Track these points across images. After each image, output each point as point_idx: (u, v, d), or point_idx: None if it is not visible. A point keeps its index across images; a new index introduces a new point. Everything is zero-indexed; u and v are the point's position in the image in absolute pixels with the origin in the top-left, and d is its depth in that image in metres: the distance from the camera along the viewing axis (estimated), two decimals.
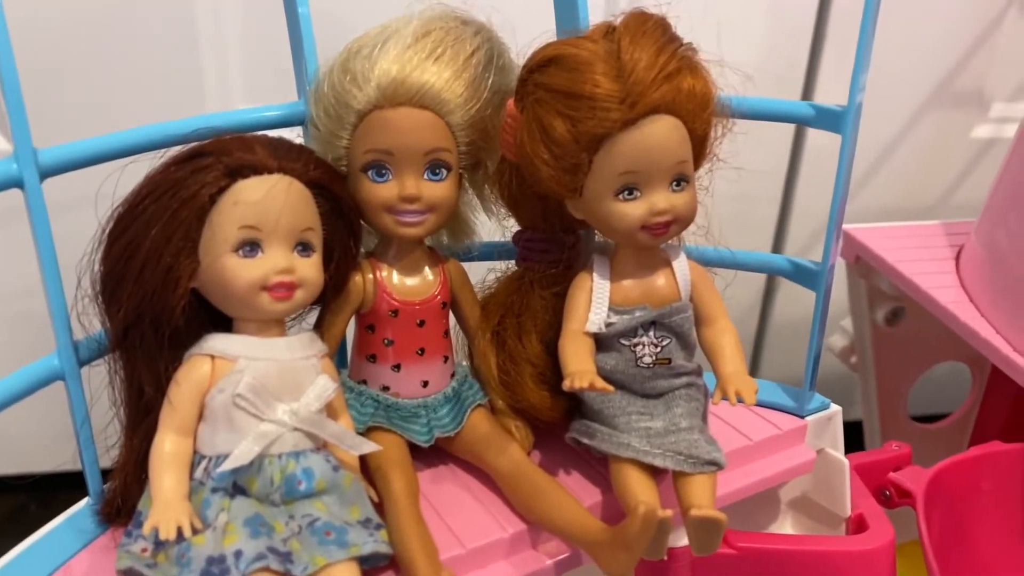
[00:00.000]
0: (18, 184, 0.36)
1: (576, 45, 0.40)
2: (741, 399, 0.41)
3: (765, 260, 0.50)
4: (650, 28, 0.40)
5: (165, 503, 0.36)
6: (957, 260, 0.71)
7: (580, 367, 0.41)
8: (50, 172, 0.37)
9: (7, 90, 0.35)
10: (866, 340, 0.79)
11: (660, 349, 0.43)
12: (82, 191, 0.36)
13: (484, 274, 0.49)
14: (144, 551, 0.36)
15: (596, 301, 0.43)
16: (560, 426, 0.46)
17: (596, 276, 0.43)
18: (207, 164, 0.36)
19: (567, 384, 0.40)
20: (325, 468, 0.38)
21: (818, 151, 0.85)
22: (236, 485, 0.37)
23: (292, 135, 0.42)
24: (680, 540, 0.45)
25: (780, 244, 0.91)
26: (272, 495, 0.37)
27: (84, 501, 0.42)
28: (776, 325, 0.96)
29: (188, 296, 0.37)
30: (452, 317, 0.46)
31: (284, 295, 0.37)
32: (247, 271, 0.36)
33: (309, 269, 0.38)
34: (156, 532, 0.35)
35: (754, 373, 0.97)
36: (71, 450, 0.47)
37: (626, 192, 0.40)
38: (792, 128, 0.84)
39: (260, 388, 0.36)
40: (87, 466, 0.41)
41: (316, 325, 0.43)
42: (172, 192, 0.36)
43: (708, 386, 0.45)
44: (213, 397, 0.37)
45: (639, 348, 0.43)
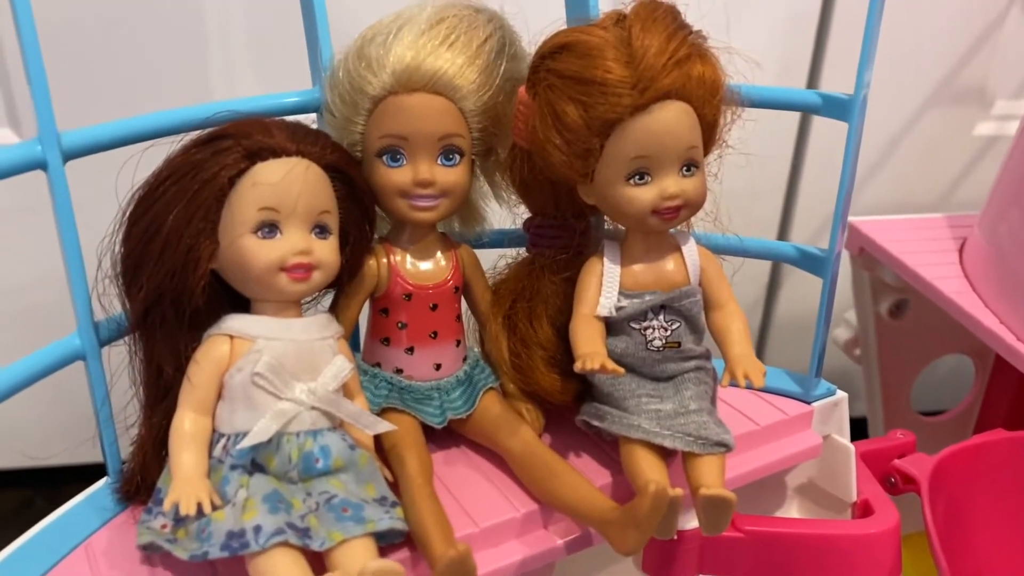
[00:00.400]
0: (41, 166, 0.37)
1: (587, 32, 0.41)
2: (750, 382, 0.41)
3: (772, 247, 0.51)
4: (660, 15, 0.41)
5: (185, 480, 0.36)
6: (960, 252, 0.72)
7: (591, 349, 0.41)
8: (73, 155, 0.38)
9: (32, 73, 0.36)
10: (870, 332, 0.79)
11: (670, 333, 0.43)
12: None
13: (495, 261, 0.49)
14: (164, 527, 0.37)
15: (607, 285, 0.44)
16: (570, 409, 0.46)
17: (607, 261, 0.44)
18: (227, 146, 0.37)
19: (579, 366, 0.41)
20: (342, 446, 0.38)
21: (821, 147, 0.85)
22: (255, 463, 0.37)
23: (307, 122, 0.43)
24: (688, 523, 0.46)
25: (784, 238, 0.92)
26: (290, 472, 0.38)
27: (103, 480, 0.43)
28: (779, 321, 0.96)
29: (208, 277, 0.37)
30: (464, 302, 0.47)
31: (302, 276, 0.38)
32: (266, 252, 0.37)
33: (326, 251, 0.39)
34: (176, 508, 0.35)
35: None
36: (77, 444, 0.47)
37: (637, 177, 0.41)
38: (795, 125, 0.85)
39: (278, 367, 0.37)
40: (106, 445, 0.41)
41: (331, 308, 0.43)
42: (192, 174, 0.36)
43: (717, 370, 0.45)
44: (232, 376, 0.37)
45: (649, 332, 0.43)
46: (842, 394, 0.52)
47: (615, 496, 0.43)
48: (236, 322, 0.38)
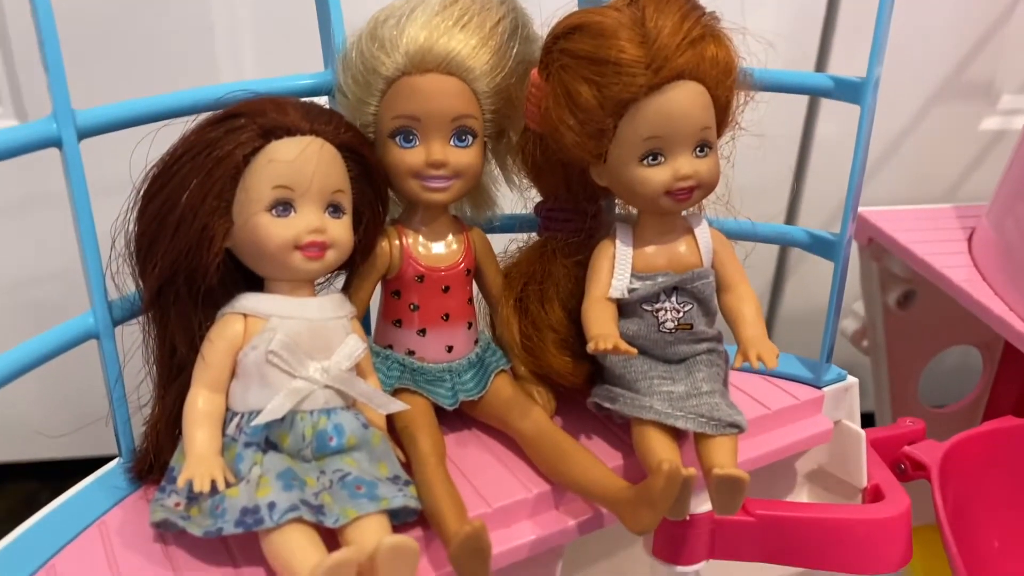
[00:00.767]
0: (56, 144, 0.37)
1: (601, 13, 0.41)
2: (763, 363, 0.41)
3: (784, 232, 0.51)
4: None
5: (199, 457, 0.36)
6: (969, 242, 0.72)
7: (604, 330, 0.41)
8: (87, 133, 0.38)
9: (48, 52, 0.36)
10: (878, 323, 0.79)
11: (682, 315, 0.43)
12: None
13: (506, 245, 0.49)
14: (178, 505, 0.37)
15: (619, 267, 0.44)
16: (581, 392, 0.46)
17: (619, 243, 0.44)
18: (241, 124, 0.37)
19: (591, 347, 0.41)
20: (355, 425, 0.38)
21: (828, 138, 0.85)
22: (268, 440, 0.38)
23: (320, 103, 0.43)
24: (699, 507, 0.46)
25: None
26: (303, 451, 0.38)
27: (116, 460, 0.43)
28: (786, 314, 0.96)
29: (222, 255, 0.37)
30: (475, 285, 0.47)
31: (316, 254, 0.38)
32: (280, 230, 0.37)
33: (340, 230, 0.39)
34: (189, 486, 0.36)
35: None
36: (83, 437, 0.47)
37: (650, 157, 0.41)
38: (801, 118, 0.85)
39: (292, 346, 0.37)
40: (119, 425, 0.42)
41: (343, 289, 0.43)
42: (207, 152, 0.37)
43: (729, 353, 0.45)
44: (246, 354, 0.37)
45: (661, 313, 0.43)
46: (853, 379, 0.52)
47: (627, 478, 0.42)
48: (250, 301, 0.38)
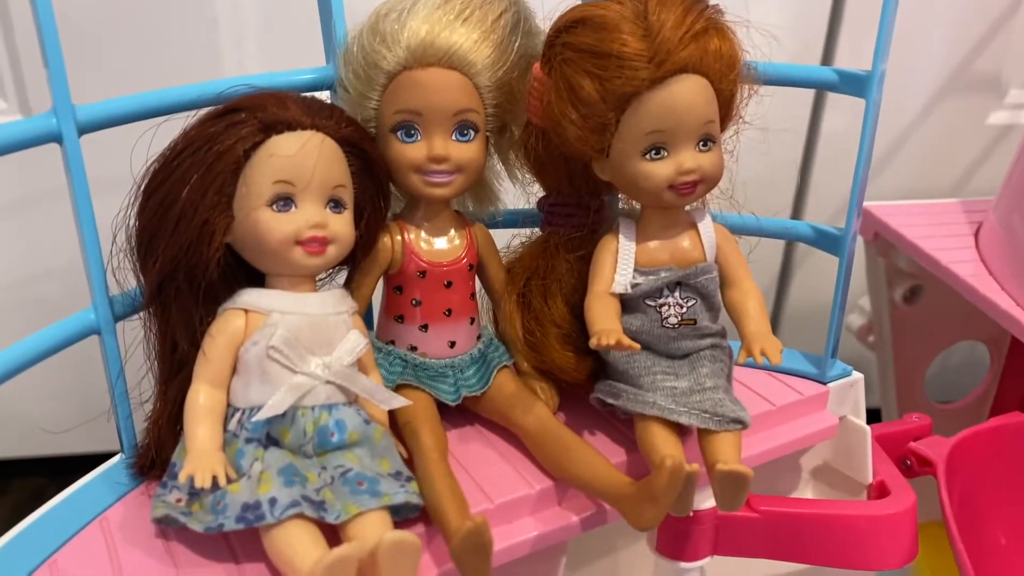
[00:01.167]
0: (57, 139, 0.37)
1: (603, 7, 0.40)
2: (767, 359, 0.41)
3: (788, 226, 0.51)
4: None
5: (200, 453, 0.36)
6: (976, 236, 0.71)
7: (607, 326, 0.41)
8: (88, 128, 0.38)
9: (48, 46, 0.36)
10: (884, 319, 0.79)
11: (685, 310, 0.43)
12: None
13: (508, 240, 0.49)
14: (179, 500, 0.37)
15: (622, 262, 0.43)
16: (584, 387, 0.46)
17: (622, 238, 0.44)
18: (242, 119, 0.37)
19: (594, 342, 0.40)
20: (357, 421, 0.38)
21: (833, 133, 0.85)
22: (269, 436, 0.37)
23: (322, 98, 0.43)
24: (703, 503, 0.46)
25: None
26: (305, 446, 0.37)
27: (117, 456, 0.43)
28: (791, 311, 0.96)
29: (223, 250, 0.37)
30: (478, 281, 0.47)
31: (317, 250, 0.38)
32: (281, 225, 0.37)
33: (341, 225, 0.38)
34: (191, 482, 0.35)
35: None
36: (88, 433, 0.47)
37: (653, 152, 0.40)
38: (807, 112, 0.84)
39: (293, 341, 0.37)
40: (121, 420, 0.42)
41: (345, 284, 0.43)
42: (208, 147, 0.36)
43: (733, 349, 0.45)
44: (247, 350, 0.37)
45: (664, 309, 0.43)
46: (858, 375, 0.52)
47: (630, 474, 0.42)
48: (251, 296, 0.38)
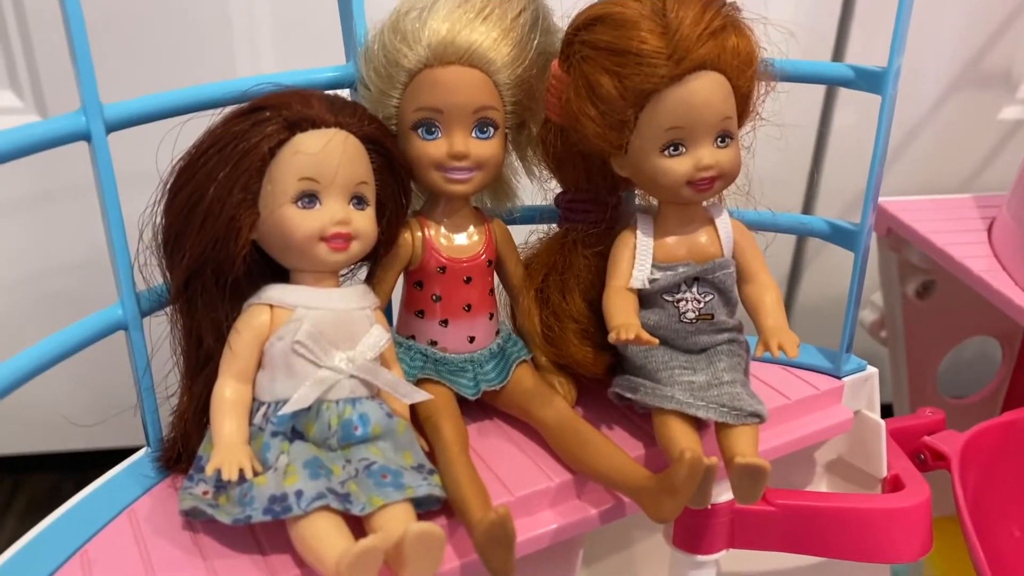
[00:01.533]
0: (85, 137, 0.37)
1: (622, 4, 0.41)
2: (784, 353, 0.41)
3: (804, 222, 0.51)
4: None
5: (227, 446, 0.37)
6: (989, 232, 0.71)
7: (625, 321, 0.42)
8: (116, 126, 0.38)
9: (76, 45, 0.36)
10: (896, 314, 0.79)
11: (703, 305, 0.44)
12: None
13: (526, 236, 0.50)
14: (206, 493, 0.38)
15: (640, 258, 0.44)
16: (602, 382, 0.47)
17: (640, 233, 0.44)
18: (267, 117, 0.37)
19: (612, 337, 0.41)
20: (380, 414, 0.39)
21: (844, 129, 0.85)
22: (295, 430, 0.38)
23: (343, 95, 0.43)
24: (720, 496, 0.46)
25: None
26: (329, 440, 0.38)
27: (143, 450, 0.44)
28: (802, 308, 0.96)
29: (248, 247, 0.38)
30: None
31: (341, 246, 0.38)
32: (306, 221, 0.37)
33: (364, 221, 0.39)
34: (217, 475, 0.36)
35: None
36: (105, 428, 0.48)
37: (671, 148, 0.41)
38: (818, 109, 0.84)
39: (318, 336, 0.38)
40: (147, 414, 0.42)
41: (366, 280, 0.44)
42: (233, 144, 0.37)
43: (750, 344, 0.46)
44: (272, 345, 0.38)
45: (682, 304, 0.44)
46: (872, 369, 0.52)
47: (648, 467, 0.43)
48: (276, 292, 0.39)
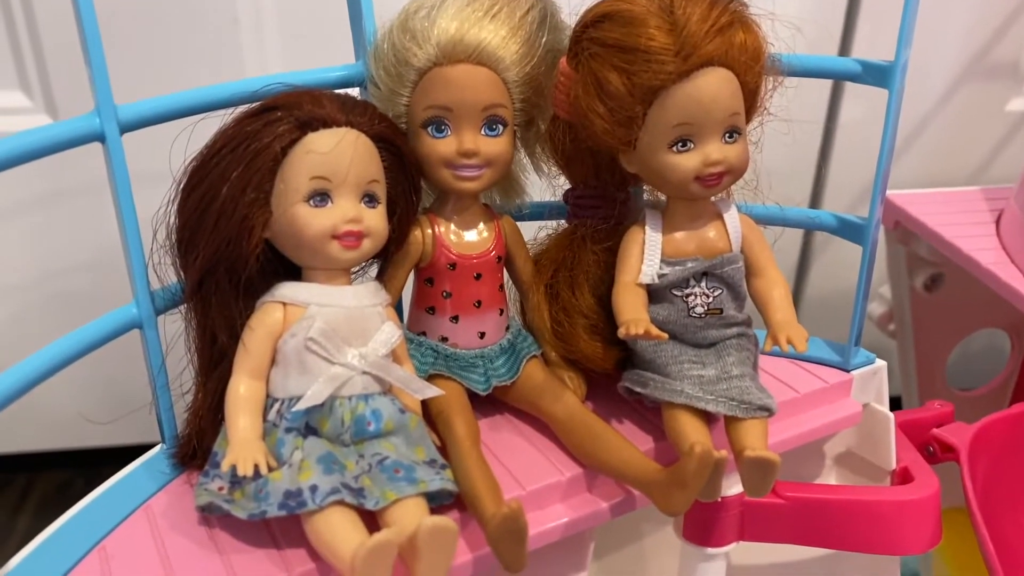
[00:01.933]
0: (100, 138, 0.38)
1: (629, 1, 0.41)
2: (792, 347, 0.42)
3: (812, 216, 0.51)
4: None
5: (242, 442, 0.37)
6: (997, 224, 0.71)
7: (635, 315, 0.42)
8: (129, 127, 0.39)
9: (90, 48, 0.37)
10: (905, 306, 0.79)
11: (712, 299, 0.44)
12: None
13: (535, 232, 0.50)
14: (221, 488, 0.38)
15: (649, 253, 0.44)
16: (612, 377, 0.47)
17: (648, 229, 0.44)
18: (279, 117, 0.38)
19: (622, 332, 0.41)
20: (392, 410, 0.39)
21: (852, 123, 0.85)
22: (308, 426, 0.38)
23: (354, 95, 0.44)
24: (730, 489, 0.47)
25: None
26: (343, 435, 0.39)
27: (159, 446, 0.44)
28: (810, 300, 0.96)
29: (261, 245, 0.38)
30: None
31: (353, 244, 0.39)
32: (318, 220, 0.38)
33: (375, 219, 0.39)
34: (233, 470, 0.37)
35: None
36: (118, 426, 0.49)
37: (680, 144, 0.41)
38: (825, 102, 0.85)
39: (331, 333, 0.38)
40: (162, 412, 0.43)
41: (377, 277, 0.44)
42: (246, 144, 0.37)
43: (759, 338, 0.46)
44: (286, 342, 0.38)
45: (691, 298, 0.44)
46: (881, 362, 0.52)
47: (658, 461, 0.43)
48: (289, 289, 0.39)
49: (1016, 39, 0.85)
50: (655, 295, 0.44)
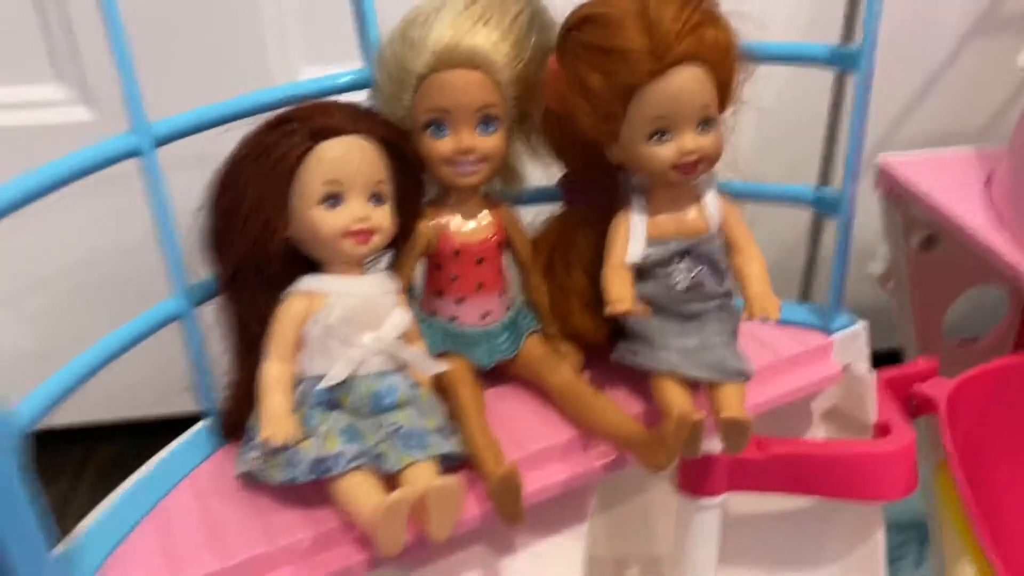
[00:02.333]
0: (136, 154, 0.43)
1: (608, 4, 0.44)
2: (767, 316, 0.46)
3: (789, 191, 0.55)
4: None
5: (274, 418, 0.42)
6: (988, 186, 0.74)
7: (619, 295, 0.46)
8: (163, 141, 0.43)
9: (123, 72, 0.41)
10: (902, 265, 0.82)
11: (693, 275, 0.48)
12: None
13: (533, 216, 0.54)
14: (257, 459, 0.44)
15: (634, 236, 0.48)
16: (605, 348, 0.51)
17: (634, 213, 0.48)
18: (293, 129, 0.42)
19: (608, 310, 0.46)
20: (405, 385, 0.44)
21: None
22: (332, 401, 0.43)
23: (360, 98, 0.48)
24: (719, 447, 0.51)
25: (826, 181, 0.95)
26: (362, 409, 0.44)
27: (200, 423, 0.50)
28: (824, 260, 0.99)
29: (283, 244, 0.43)
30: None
31: (364, 240, 0.43)
32: (332, 220, 0.43)
33: (383, 217, 0.44)
34: (268, 442, 0.42)
35: (805, 300, 1.01)
36: (165, 398, 0.54)
37: (657, 136, 0.45)
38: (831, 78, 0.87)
39: (349, 319, 0.43)
40: (203, 392, 0.48)
41: (389, 266, 0.49)
42: (266, 155, 0.42)
43: (738, 308, 0.50)
44: (309, 328, 0.43)
45: (674, 275, 0.48)
46: (861, 324, 0.56)
47: (648, 423, 0.48)
48: (311, 282, 0.44)
49: None
50: (641, 273, 0.49)
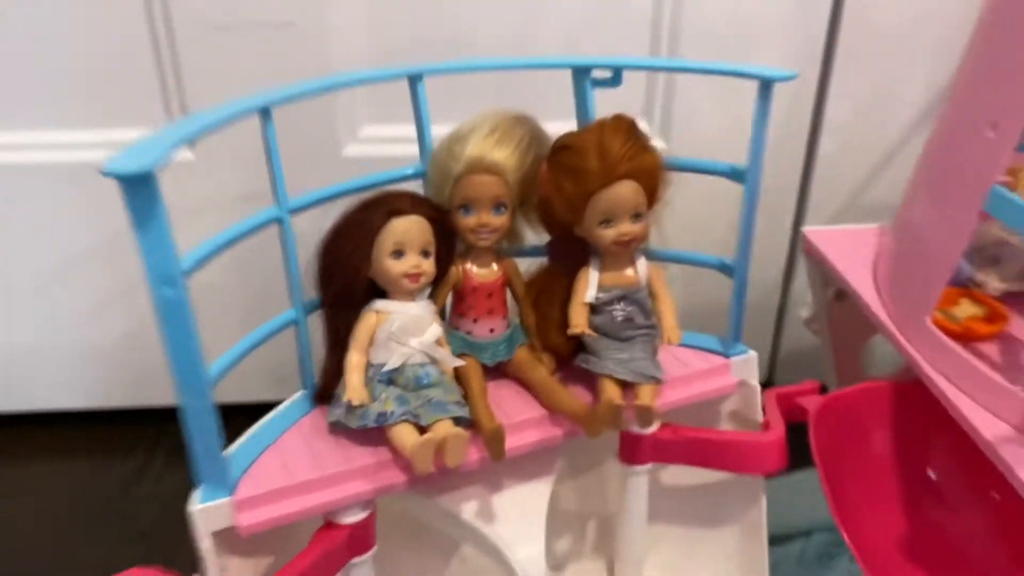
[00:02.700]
0: (279, 221, 0.68)
1: (577, 137, 0.70)
2: (673, 343, 0.71)
3: (697, 258, 0.79)
4: (622, 126, 0.69)
5: (353, 387, 0.67)
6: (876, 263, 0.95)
7: (578, 322, 0.71)
8: (296, 210, 0.69)
9: (273, 159, 0.67)
10: (822, 311, 1.03)
11: (627, 312, 0.73)
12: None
13: (528, 265, 0.79)
14: (340, 413, 0.69)
15: (591, 285, 0.73)
16: (570, 357, 0.76)
17: (592, 270, 0.73)
18: (376, 210, 0.68)
19: (571, 332, 0.71)
20: (436, 373, 0.69)
21: (826, 159, 1.08)
22: (389, 379, 0.68)
23: (418, 186, 0.74)
24: (645, 428, 0.76)
25: (800, 223, 1.14)
26: (408, 385, 0.68)
27: (300, 392, 0.75)
28: (796, 295, 1.18)
29: (366, 281, 0.69)
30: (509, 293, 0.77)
31: (415, 280, 0.68)
32: (397, 267, 0.68)
33: (429, 266, 0.69)
34: (349, 403, 0.67)
35: (776, 343, 1.23)
36: (242, 386, 0.78)
37: (605, 223, 0.70)
38: (808, 117, 1.06)
39: (403, 328, 0.68)
40: (306, 371, 0.73)
41: (430, 296, 0.74)
42: (358, 225, 0.67)
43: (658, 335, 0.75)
44: (378, 333, 0.68)
45: (615, 312, 0.73)
46: (752, 353, 0.79)
47: (592, 406, 0.72)
48: (381, 304, 0.69)
49: None
50: (595, 309, 0.73)
